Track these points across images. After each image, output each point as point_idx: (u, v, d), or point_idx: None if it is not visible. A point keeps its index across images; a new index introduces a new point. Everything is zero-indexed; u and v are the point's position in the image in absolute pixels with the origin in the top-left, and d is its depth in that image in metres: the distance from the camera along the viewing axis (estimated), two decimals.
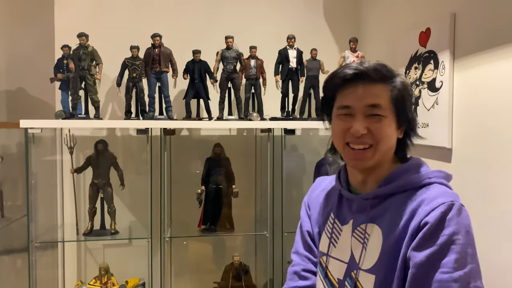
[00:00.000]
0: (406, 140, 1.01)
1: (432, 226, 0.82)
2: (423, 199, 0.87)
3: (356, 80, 0.92)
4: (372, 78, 0.92)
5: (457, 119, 1.69)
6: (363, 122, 0.91)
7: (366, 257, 0.93)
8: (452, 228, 0.81)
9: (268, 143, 2.23)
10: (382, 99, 0.92)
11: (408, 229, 0.86)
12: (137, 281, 2.30)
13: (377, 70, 0.92)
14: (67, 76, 2.13)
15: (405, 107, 0.95)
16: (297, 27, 2.51)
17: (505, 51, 1.42)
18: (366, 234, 0.94)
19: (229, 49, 2.21)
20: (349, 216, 1.01)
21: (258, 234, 2.44)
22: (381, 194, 0.94)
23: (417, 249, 0.83)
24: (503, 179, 1.43)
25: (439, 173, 0.94)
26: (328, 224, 1.06)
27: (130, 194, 2.40)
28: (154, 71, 2.15)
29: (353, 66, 0.93)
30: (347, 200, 1.03)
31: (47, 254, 2.37)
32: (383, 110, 0.92)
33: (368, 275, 0.91)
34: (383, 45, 2.36)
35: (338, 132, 0.96)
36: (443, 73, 1.75)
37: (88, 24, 2.28)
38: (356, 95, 0.92)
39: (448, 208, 0.83)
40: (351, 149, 0.94)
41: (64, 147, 2.27)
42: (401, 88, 0.94)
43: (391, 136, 0.94)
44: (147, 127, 2.11)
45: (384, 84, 0.93)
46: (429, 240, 0.82)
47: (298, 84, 2.29)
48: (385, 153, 0.95)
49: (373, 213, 0.95)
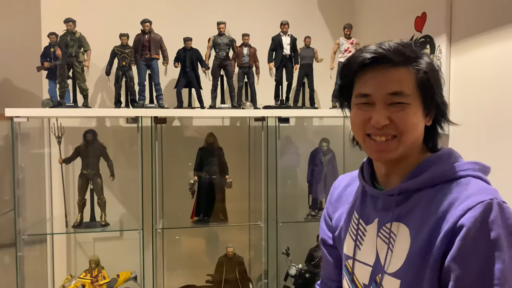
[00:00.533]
0: (436, 128, 0.90)
1: (470, 231, 0.72)
2: (456, 196, 0.78)
3: (376, 64, 0.82)
4: (394, 61, 0.81)
5: (454, 104, 1.66)
6: (384, 112, 0.81)
7: (391, 259, 0.84)
8: (496, 232, 0.72)
9: (262, 132, 2.19)
10: (406, 84, 0.81)
11: (440, 230, 0.76)
12: (128, 274, 2.24)
13: (399, 51, 0.81)
14: (55, 64, 2.07)
15: (433, 92, 0.83)
16: (290, 14, 2.46)
17: (502, 33, 1.39)
18: (392, 234, 0.85)
19: (221, 35, 2.17)
20: (373, 214, 0.91)
21: (252, 224, 2.40)
22: (407, 189, 0.85)
23: (457, 260, 0.73)
24: (500, 164, 1.41)
25: (474, 165, 0.84)
26: (352, 224, 0.97)
27: (120, 185, 2.35)
28: (144, 58, 2.10)
29: (371, 48, 0.83)
30: (372, 197, 0.93)
31: (36, 248, 2.31)
32: (406, 97, 0.81)
33: (393, 279, 0.82)
34: (378, 31, 2.33)
35: (357, 123, 0.86)
36: (439, 58, 1.73)
37: (76, 10, 2.21)
38: (376, 82, 0.82)
39: (488, 208, 0.73)
40: (372, 141, 0.85)
41: (52, 138, 2.20)
42: (427, 70, 0.83)
43: (417, 125, 0.83)
44: (137, 116, 2.05)
45: (408, 67, 0.82)
46: (470, 249, 0.72)
47: (292, 71, 2.25)
48: (411, 144, 0.84)
49: (399, 211, 0.85)
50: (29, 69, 2.17)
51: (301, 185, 2.39)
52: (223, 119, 2.53)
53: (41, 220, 2.29)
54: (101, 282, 2.10)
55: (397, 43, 0.83)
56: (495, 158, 1.44)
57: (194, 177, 2.22)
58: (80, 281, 2.10)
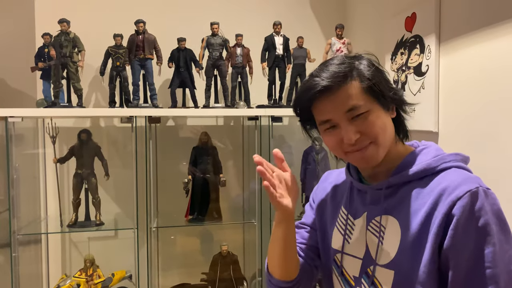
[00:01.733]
0: (401, 115, 0.95)
1: (461, 220, 0.77)
2: (445, 187, 0.81)
3: (323, 94, 0.86)
4: (334, 87, 0.85)
5: (443, 102, 1.69)
6: (351, 128, 0.85)
7: (383, 251, 0.87)
8: (484, 218, 0.76)
9: (256, 131, 2.21)
10: (356, 97, 0.85)
11: (432, 221, 0.80)
12: (123, 273, 2.25)
13: (337, 75, 0.85)
14: (49, 64, 2.08)
15: (381, 90, 0.87)
16: (283, 14, 2.49)
17: (490, 32, 1.42)
18: (382, 227, 0.88)
19: (214, 36, 2.18)
20: (362, 209, 0.94)
21: (246, 223, 2.42)
22: (395, 183, 0.89)
23: (451, 248, 0.77)
24: (489, 162, 1.43)
25: (456, 156, 0.89)
26: (340, 219, 1.00)
27: (115, 184, 2.36)
28: (138, 58, 2.11)
29: (313, 83, 0.86)
30: (359, 192, 0.97)
31: (31, 248, 2.31)
32: (362, 107, 0.85)
33: (386, 270, 0.85)
34: (369, 31, 2.36)
35: (333, 146, 0.91)
36: (429, 57, 1.76)
37: (70, 11, 2.22)
38: (330, 107, 0.86)
39: (475, 196, 0.77)
40: (353, 154, 0.89)
41: (47, 138, 2.21)
42: (368, 73, 0.87)
43: (385, 124, 0.88)
44: (131, 116, 2.07)
45: (351, 81, 0.86)
46: (462, 237, 0.77)
47: (285, 71, 2.27)
48: (389, 142, 0.90)
49: (388, 204, 0.89)
50: (23, 69, 2.18)
51: None
52: (217, 119, 2.55)
53: (36, 220, 2.30)
54: (96, 281, 2.11)
55: (334, 65, 0.87)
56: (484, 156, 1.46)
57: (188, 176, 2.23)
58: (75, 280, 2.11)
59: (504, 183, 1.37)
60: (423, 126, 1.78)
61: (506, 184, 1.36)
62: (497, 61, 1.40)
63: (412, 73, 1.88)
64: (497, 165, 1.40)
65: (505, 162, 1.37)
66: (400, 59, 1.98)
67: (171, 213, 2.34)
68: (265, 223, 2.24)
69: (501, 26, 1.37)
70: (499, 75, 1.39)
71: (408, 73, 1.91)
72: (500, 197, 1.37)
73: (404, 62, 1.94)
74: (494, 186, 1.39)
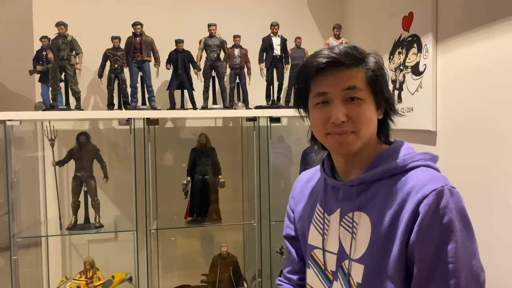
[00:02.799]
0: (387, 120, 0.98)
1: (426, 217, 0.80)
2: (412, 186, 0.84)
3: (330, 67, 0.88)
4: (345, 63, 0.88)
5: (441, 101, 1.69)
6: (342, 109, 0.88)
7: (355, 246, 0.90)
8: (448, 216, 0.80)
9: (254, 132, 2.21)
10: (358, 81, 0.89)
11: (400, 218, 0.84)
12: (123, 275, 2.25)
13: (348, 54, 0.89)
14: (47, 68, 2.08)
15: (382, 87, 0.92)
16: (280, 15, 2.49)
17: (487, 31, 1.42)
18: (354, 223, 0.91)
19: (212, 37, 2.19)
20: (335, 205, 0.97)
21: (246, 224, 2.42)
22: (367, 180, 0.91)
23: (416, 244, 0.81)
24: (487, 161, 1.43)
25: (425, 155, 0.92)
26: (316, 216, 1.03)
27: (114, 186, 2.36)
28: (136, 60, 2.12)
29: (324, 53, 0.89)
30: (333, 188, 0.99)
31: (31, 252, 2.31)
32: (360, 92, 0.88)
33: (358, 265, 0.89)
34: (367, 31, 2.36)
35: (318, 123, 0.92)
36: (426, 56, 1.75)
37: (67, 14, 2.23)
38: (331, 81, 0.89)
39: (440, 195, 0.81)
40: (333, 136, 0.91)
41: (45, 141, 2.21)
42: (375, 68, 0.91)
43: (372, 119, 0.91)
44: (129, 118, 2.07)
45: (358, 67, 0.90)
46: (427, 233, 0.80)
47: (282, 72, 2.27)
48: (368, 137, 0.92)
49: (360, 201, 0.92)
50: (22, 72, 2.18)
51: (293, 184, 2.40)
52: (216, 120, 2.55)
53: (36, 223, 2.30)
54: (96, 283, 2.11)
55: (346, 47, 0.91)
56: (482, 155, 1.46)
57: (187, 177, 2.23)
58: (75, 283, 2.11)
59: (502, 182, 1.37)
60: (421, 126, 1.78)
61: (504, 182, 1.36)
62: (494, 60, 1.40)
63: (409, 72, 1.88)
64: (495, 163, 1.40)
65: (503, 161, 1.37)
66: (397, 58, 1.98)
67: (171, 215, 2.34)
68: (265, 224, 2.24)
69: (498, 24, 1.37)
70: (497, 74, 1.39)
71: (405, 72, 1.91)
72: (498, 194, 1.37)
73: (402, 62, 1.94)
74: (492, 184, 1.39)
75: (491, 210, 1.40)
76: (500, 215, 1.37)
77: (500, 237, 1.37)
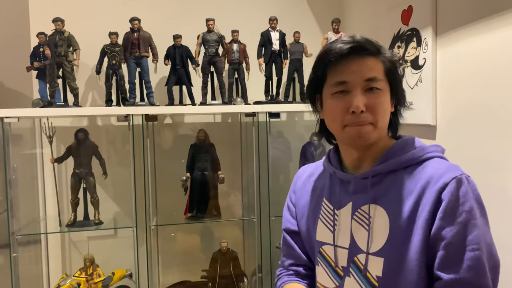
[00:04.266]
0: (397, 115, 0.98)
1: (450, 203, 0.81)
2: (431, 175, 0.85)
3: (351, 54, 0.87)
4: (368, 50, 0.87)
5: (441, 95, 1.68)
6: (362, 98, 0.86)
7: (371, 240, 0.88)
8: (469, 203, 0.81)
9: (253, 128, 2.20)
10: (377, 71, 0.88)
11: (420, 207, 0.84)
12: (124, 272, 2.26)
13: (369, 41, 0.89)
14: (44, 64, 2.07)
15: (397, 79, 0.93)
16: (279, 9, 2.48)
17: (487, 24, 1.41)
18: (368, 216, 0.90)
19: (210, 32, 2.17)
20: (345, 199, 0.95)
21: (246, 219, 2.42)
22: (381, 171, 0.90)
23: (442, 229, 0.81)
24: (487, 154, 1.43)
25: (437, 147, 0.93)
26: (323, 211, 1.01)
27: (113, 183, 2.35)
28: (134, 56, 2.10)
29: (346, 40, 0.88)
30: (342, 182, 0.97)
31: (30, 249, 2.31)
32: (380, 83, 0.88)
33: (376, 258, 0.87)
34: (366, 25, 2.34)
35: (336, 113, 0.89)
36: (425, 50, 1.74)
37: (64, 10, 2.21)
38: (352, 70, 0.87)
39: (460, 182, 0.82)
40: (352, 127, 0.89)
41: (44, 138, 2.20)
42: (391, 59, 0.91)
43: (388, 110, 0.91)
44: (128, 114, 2.06)
45: (376, 57, 0.89)
46: (451, 218, 0.81)
47: (281, 66, 2.26)
48: (384, 129, 0.92)
49: (375, 193, 0.90)
50: (19, 69, 2.17)
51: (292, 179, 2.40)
52: (215, 116, 2.54)
53: (35, 220, 2.29)
54: (96, 280, 2.11)
55: (366, 37, 0.90)
56: (482, 149, 1.46)
57: (186, 173, 2.23)
58: (75, 280, 2.11)
59: (502, 175, 1.36)
60: (421, 120, 1.77)
61: (504, 175, 1.36)
62: (494, 53, 1.39)
63: (409, 66, 1.87)
64: (496, 157, 1.39)
65: (503, 154, 1.36)
66: (397, 52, 1.97)
67: (170, 211, 2.34)
68: (264, 219, 2.23)
69: (498, 17, 1.36)
70: (496, 67, 1.38)
71: (405, 66, 1.90)
72: (498, 187, 1.37)
73: (401, 56, 1.93)
74: (491, 178, 1.39)
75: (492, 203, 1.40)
76: (500, 208, 1.37)
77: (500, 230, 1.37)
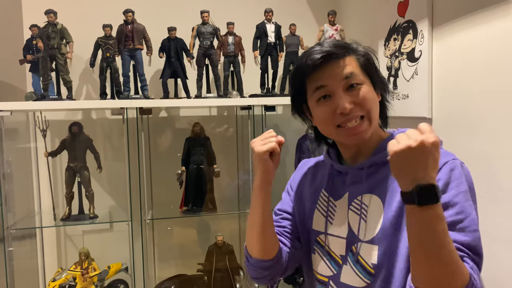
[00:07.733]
0: (384, 102, 1.00)
1: (444, 185, 0.83)
2: None
3: (324, 62, 0.90)
4: (338, 54, 0.91)
5: (437, 88, 1.68)
6: (345, 97, 0.89)
7: (366, 228, 0.91)
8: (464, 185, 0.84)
9: (249, 121, 2.19)
10: (353, 67, 0.91)
11: None
12: (119, 265, 2.25)
13: (338, 45, 0.92)
14: (37, 57, 2.04)
15: (375, 70, 0.96)
16: (274, 1, 2.44)
17: (484, 16, 1.40)
18: (364, 205, 0.93)
19: (205, 24, 2.15)
20: (343, 190, 0.99)
21: (241, 213, 2.42)
22: (377, 162, 0.93)
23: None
24: (483, 147, 1.42)
25: None
26: (321, 201, 1.04)
27: (108, 177, 2.34)
28: (128, 48, 2.08)
29: (316, 49, 0.91)
30: (340, 174, 1.01)
31: (25, 243, 2.30)
32: (358, 77, 0.91)
33: (371, 246, 0.90)
34: (362, 17, 2.33)
35: (325, 117, 0.92)
36: (422, 42, 1.73)
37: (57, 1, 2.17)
38: (329, 73, 0.91)
39: (453, 165, 0.85)
40: (344, 128, 0.91)
41: (37, 132, 2.18)
42: (364, 53, 0.95)
43: (375, 99, 0.93)
44: (122, 107, 2.04)
45: (350, 56, 0.93)
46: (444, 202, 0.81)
47: (277, 59, 2.24)
48: (377, 120, 0.94)
49: (370, 183, 0.93)
50: (12, 62, 2.14)
51: (289, 172, 2.40)
52: (210, 109, 2.53)
53: (30, 214, 2.28)
54: (92, 274, 2.10)
55: (332, 41, 0.94)
56: (477, 141, 1.45)
57: (181, 167, 2.22)
58: (70, 274, 2.11)
59: (498, 168, 1.36)
60: (417, 112, 1.77)
61: (500, 168, 1.35)
62: (490, 45, 1.38)
63: (405, 58, 1.86)
64: (490, 150, 1.39)
65: (497, 148, 1.36)
66: (393, 45, 1.96)
67: (166, 205, 2.33)
68: None
69: (494, 9, 1.35)
70: (493, 60, 1.37)
71: (401, 59, 1.89)
72: (492, 180, 1.37)
73: (397, 48, 1.92)
74: (487, 171, 1.39)
75: (487, 196, 1.40)
76: (496, 201, 1.37)
77: (496, 223, 1.37)
